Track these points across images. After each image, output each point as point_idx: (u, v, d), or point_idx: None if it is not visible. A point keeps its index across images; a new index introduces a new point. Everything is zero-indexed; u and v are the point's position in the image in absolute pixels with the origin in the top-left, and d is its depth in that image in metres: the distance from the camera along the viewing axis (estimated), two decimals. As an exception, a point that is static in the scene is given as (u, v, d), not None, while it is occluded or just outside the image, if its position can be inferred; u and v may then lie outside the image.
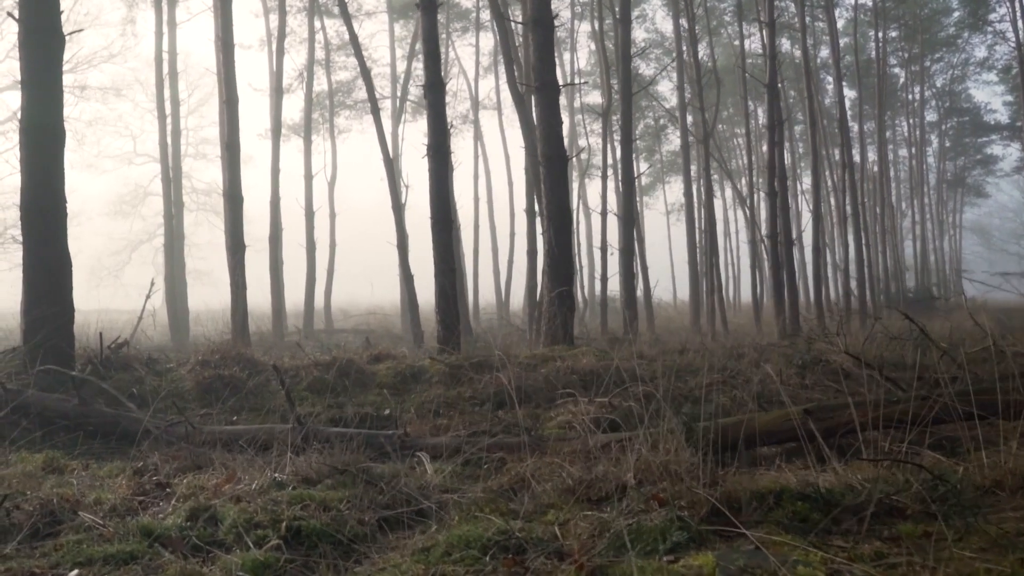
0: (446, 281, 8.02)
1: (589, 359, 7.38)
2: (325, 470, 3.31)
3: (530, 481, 3.32)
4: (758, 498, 2.59)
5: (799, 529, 2.39)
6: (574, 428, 5.60)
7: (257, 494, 2.95)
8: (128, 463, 4.36)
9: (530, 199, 16.83)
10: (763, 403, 6.30)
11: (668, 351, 9.68)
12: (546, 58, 9.26)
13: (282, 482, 3.15)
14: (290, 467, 3.34)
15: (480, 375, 6.91)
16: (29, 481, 3.55)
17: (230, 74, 11.87)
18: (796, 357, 8.11)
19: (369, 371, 7.10)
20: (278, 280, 17.58)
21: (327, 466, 3.33)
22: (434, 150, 8.10)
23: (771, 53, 18.35)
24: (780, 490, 2.62)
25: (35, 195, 6.54)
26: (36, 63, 6.50)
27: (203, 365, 6.85)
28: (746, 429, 4.58)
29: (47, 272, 6.48)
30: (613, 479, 3.01)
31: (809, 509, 2.51)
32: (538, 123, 9.26)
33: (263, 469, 3.37)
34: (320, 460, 3.40)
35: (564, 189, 9.12)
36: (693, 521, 2.40)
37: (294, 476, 3.25)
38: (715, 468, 3.10)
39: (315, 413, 5.83)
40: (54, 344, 6.22)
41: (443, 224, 8.05)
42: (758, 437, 4.73)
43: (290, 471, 3.32)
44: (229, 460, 4.29)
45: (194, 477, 3.46)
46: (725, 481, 2.85)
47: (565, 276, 8.86)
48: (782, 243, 18.54)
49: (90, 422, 5.35)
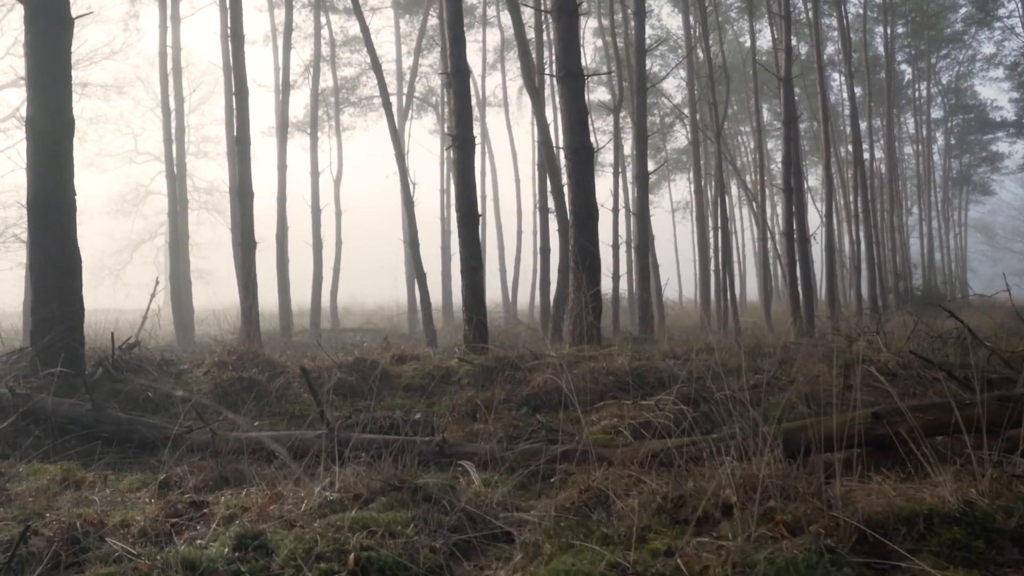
0: (475, 278, 7.66)
1: (624, 360, 7.03)
2: (377, 485, 2.95)
3: (609, 497, 2.96)
4: (903, 522, 2.24)
5: (962, 560, 2.05)
6: (621, 433, 5.27)
7: (310, 516, 2.59)
8: (150, 475, 4.01)
9: (542, 195, 16.47)
10: (812, 405, 5.97)
11: (695, 350, 9.34)
12: (571, 47, 8.91)
13: (333, 501, 2.79)
14: (339, 482, 2.98)
15: (512, 376, 6.56)
16: (45, 498, 3.19)
17: (240, 66, 11.50)
18: (837, 356, 7.76)
19: (393, 372, 6.75)
20: (285, 279, 17.21)
21: (379, 481, 2.97)
22: (460, 141, 7.74)
23: (787, 47, 18.02)
24: (928, 512, 2.26)
25: (42, 188, 6.17)
26: (43, 48, 6.14)
27: (220, 367, 6.49)
28: (812, 433, 4.27)
29: (55, 269, 6.11)
30: (711, 496, 2.66)
31: (966, 535, 2.16)
32: (562, 114, 8.91)
33: (307, 485, 3.00)
34: (370, 475, 3.04)
35: (591, 182, 8.77)
36: (843, 551, 2.05)
37: (344, 493, 2.89)
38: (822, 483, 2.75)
39: (342, 417, 5.48)
40: (64, 345, 5.86)
41: (469, 218, 7.69)
42: (823, 442, 4.40)
43: (339, 487, 2.96)
44: (262, 471, 3.94)
45: (232, 495, 3.10)
46: (847, 500, 2.50)
47: (593, 274, 8.50)
48: (797, 240, 18.23)
49: (104, 429, 4.99)
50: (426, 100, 28.79)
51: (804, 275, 18.78)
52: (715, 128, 22.05)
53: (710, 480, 2.89)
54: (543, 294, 16.23)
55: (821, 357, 8.37)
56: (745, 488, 2.67)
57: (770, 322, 20.70)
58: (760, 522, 2.35)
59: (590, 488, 3.15)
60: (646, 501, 2.85)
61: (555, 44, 9.17)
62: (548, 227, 16.23)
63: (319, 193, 20.96)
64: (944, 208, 44.69)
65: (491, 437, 5.10)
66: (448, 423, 5.23)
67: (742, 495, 2.64)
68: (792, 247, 18.04)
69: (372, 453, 4.66)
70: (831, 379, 7.23)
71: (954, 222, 46.89)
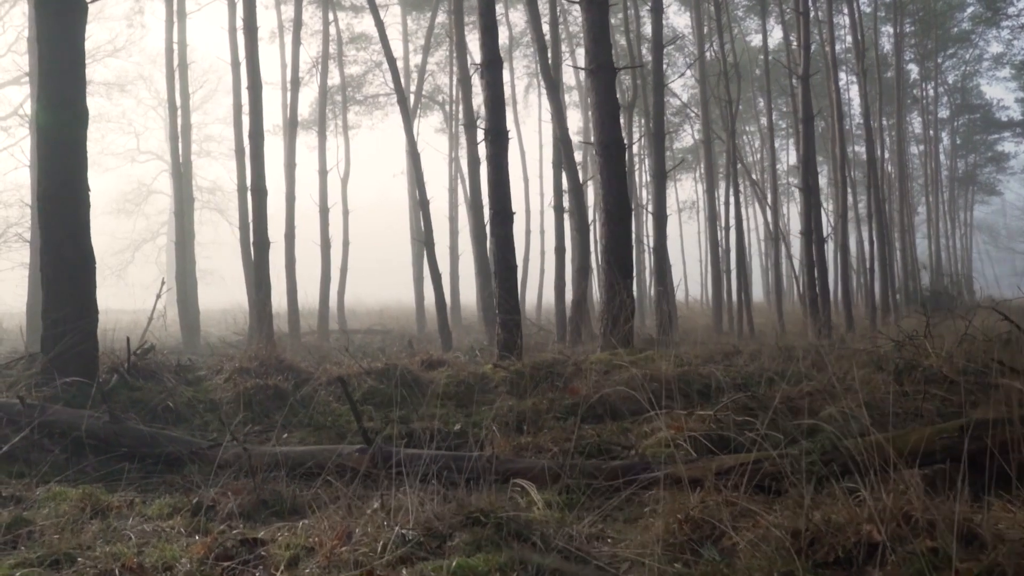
0: (510, 280, 7.28)
1: (667, 366, 6.65)
2: (456, 519, 2.58)
3: (715, 528, 2.59)
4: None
5: None
6: (681, 446, 4.90)
7: (391, 563, 2.22)
8: (180, 497, 3.63)
9: (557, 194, 16.09)
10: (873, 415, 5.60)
11: (722, 353, 8.97)
12: (601, 38, 8.53)
13: (409, 539, 2.41)
14: (403, 510, 2.60)
15: (552, 384, 6.20)
16: (71, 532, 2.81)
17: (254, 59, 11.12)
18: (888, 362, 7.40)
19: (425, 379, 6.37)
20: (293, 279, 16.81)
21: (457, 514, 2.59)
22: (493, 133, 7.36)
23: (805, 44, 17.67)
24: None
25: (53, 183, 5.78)
26: (55, 34, 5.75)
27: (242, 373, 6.12)
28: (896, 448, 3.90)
29: (68, 270, 5.73)
30: (850, 532, 2.28)
31: None
32: (593, 108, 8.53)
33: (374, 517, 2.62)
34: (441, 506, 2.66)
35: (623, 179, 8.39)
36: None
37: (419, 528, 2.51)
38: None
39: (378, 429, 5.10)
40: (78, 351, 5.47)
41: (503, 216, 7.31)
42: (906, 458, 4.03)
43: (410, 520, 2.58)
44: (302, 493, 3.57)
45: (288, 531, 2.71)
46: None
47: (626, 274, 8.13)
48: (815, 241, 17.88)
49: (124, 443, 4.61)
50: (432, 98, 28.40)
51: (821, 276, 18.45)
52: (729, 127, 21.69)
53: (834, 509, 2.52)
54: (558, 295, 15.84)
55: (863, 362, 8.00)
56: (891, 521, 2.30)
57: (782, 323, 20.37)
58: (932, 568, 1.97)
59: (690, 519, 2.77)
60: (765, 536, 2.47)
61: (585, 36, 8.80)
62: (564, 226, 15.86)
63: (327, 192, 20.57)
64: (950, 208, 44.38)
65: (542, 451, 4.73)
66: (494, 436, 4.85)
67: (888, 531, 2.26)
68: (811, 247, 17.69)
69: (417, 469, 4.31)
70: (884, 385, 6.84)
71: (959, 222, 46.59)
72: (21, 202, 18.62)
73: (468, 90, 15.62)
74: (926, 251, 36.37)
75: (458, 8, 15.68)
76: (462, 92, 15.54)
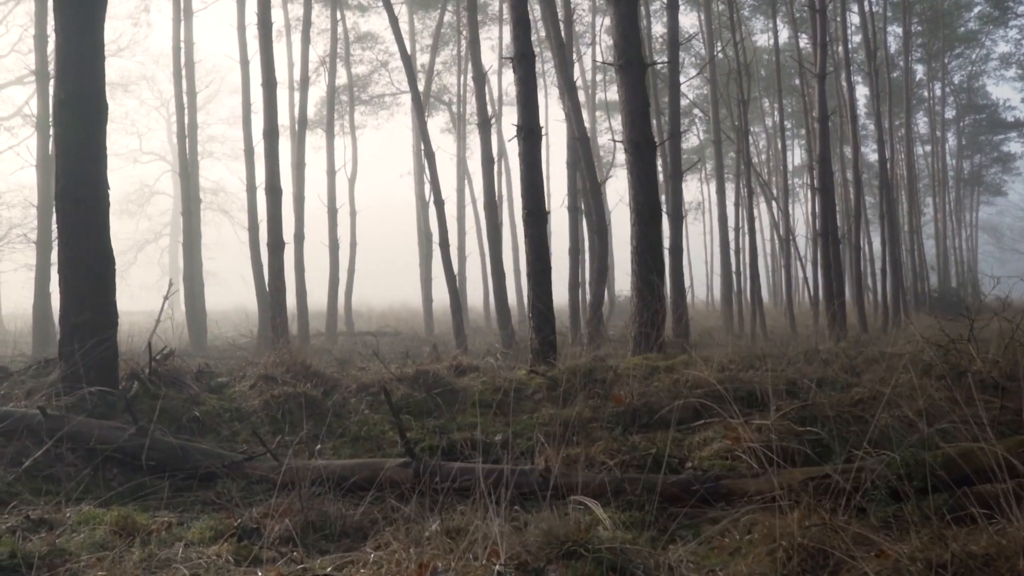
0: (544, 283, 7.01)
1: (709, 371, 6.38)
2: (548, 550, 2.31)
3: (833, 558, 2.33)
4: None
5: None
6: (740, 458, 4.64)
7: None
8: (220, 519, 3.37)
9: (572, 195, 15.84)
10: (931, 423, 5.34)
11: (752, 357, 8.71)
12: (630, 33, 8.27)
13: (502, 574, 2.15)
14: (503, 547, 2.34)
15: (592, 391, 5.93)
16: (111, 563, 2.54)
17: (268, 55, 10.86)
18: (934, 367, 7.13)
19: (458, 386, 6.11)
20: (302, 280, 16.54)
21: (551, 545, 2.33)
22: (526, 131, 7.10)
23: (821, 41, 17.44)
24: None
25: (71, 182, 5.52)
26: (74, 23, 5.49)
27: (268, 381, 5.85)
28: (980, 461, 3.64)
29: (88, 271, 5.46)
30: (1002, 567, 2.03)
31: None
32: (622, 106, 8.27)
33: (454, 546, 2.36)
34: (535, 536, 2.40)
35: (654, 179, 8.13)
36: None
37: (510, 561, 2.25)
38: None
39: (417, 440, 4.84)
40: (98, 357, 5.20)
41: (537, 216, 7.04)
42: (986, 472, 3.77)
43: (493, 550, 2.32)
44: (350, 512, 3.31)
45: (363, 568, 2.45)
46: None
47: (657, 277, 7.87)
48: (831, 241, 17.66)
49: (152, 456, 4.34)
50: (439, 98, 28.15)
51: (837, 276, 18.21)
52: (742, 127, 21.46)
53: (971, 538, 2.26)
54: (572, 297, 15.59)
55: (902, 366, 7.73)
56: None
57: (794, 325, 20.14)
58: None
59: (800, 546, 2.50)
60: (897, 570, 2.21)
61: (614, 31, 8.54)
62: (577, 227, 15.60)
63: (335, 192, 20.30)
64: (957, 209, 44.15)
65: (593, 463, 4.47)
66: (543, 447, 4.58)
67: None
68: (828, 249, 17.45)
69: (462, 483, 4.05)
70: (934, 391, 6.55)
71: (965, 223, 46.37)
72: (26, 201, 18.36)
73: (483, 88, 15.36)
74: (933, 252, 36.13)
75: (472, 5, 15.41)
76: (476, 91, 15.28)
